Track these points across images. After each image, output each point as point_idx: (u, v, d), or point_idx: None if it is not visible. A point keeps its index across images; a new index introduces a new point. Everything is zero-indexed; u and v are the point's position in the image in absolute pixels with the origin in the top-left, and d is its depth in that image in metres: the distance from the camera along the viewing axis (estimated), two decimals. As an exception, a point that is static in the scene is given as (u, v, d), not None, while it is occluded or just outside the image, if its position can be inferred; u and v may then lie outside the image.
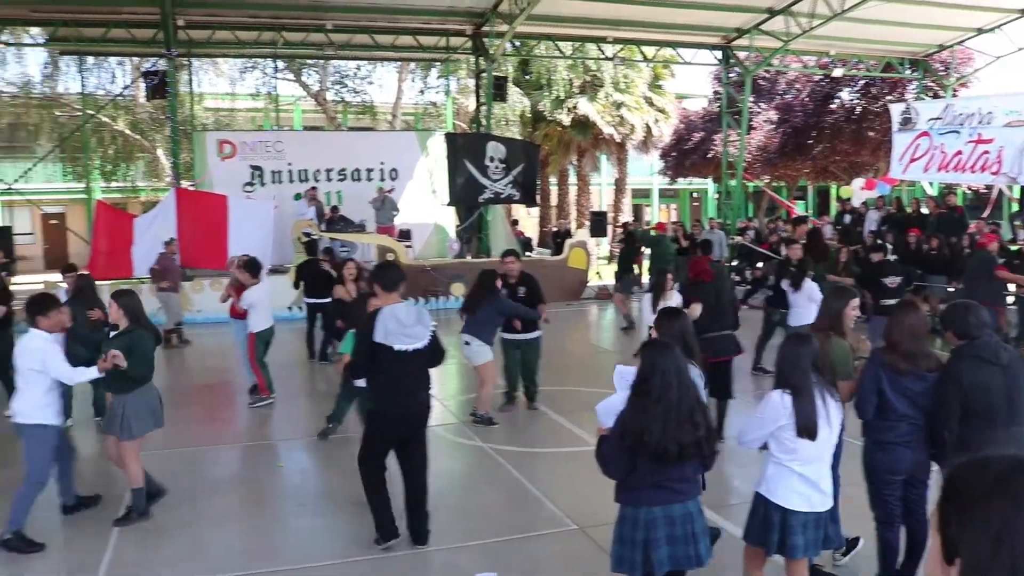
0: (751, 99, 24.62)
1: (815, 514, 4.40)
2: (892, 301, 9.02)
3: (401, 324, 5.75)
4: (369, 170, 21.17)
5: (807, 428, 4.26)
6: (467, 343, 8.94)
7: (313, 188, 19.41)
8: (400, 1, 19.35)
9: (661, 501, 4.11)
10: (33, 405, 6.11)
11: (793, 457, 4.33)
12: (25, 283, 18.94)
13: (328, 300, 11.80)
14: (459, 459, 8.20)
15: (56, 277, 18.56)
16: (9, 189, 22.70)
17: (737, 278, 19.87)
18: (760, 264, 19.74)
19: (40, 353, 6.08)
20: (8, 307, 9.83)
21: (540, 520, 6.48)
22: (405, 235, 19.50)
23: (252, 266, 10.19)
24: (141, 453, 6.62)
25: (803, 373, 4.35)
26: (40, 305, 6.22)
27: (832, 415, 4.38)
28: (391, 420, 5.93)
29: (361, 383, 6.75)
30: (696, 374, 4.67)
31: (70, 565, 6.00)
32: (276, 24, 20.12)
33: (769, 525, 4.42)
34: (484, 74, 21.47)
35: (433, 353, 5.95)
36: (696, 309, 7.72)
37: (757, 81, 26.83)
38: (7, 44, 21.18)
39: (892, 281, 10.76)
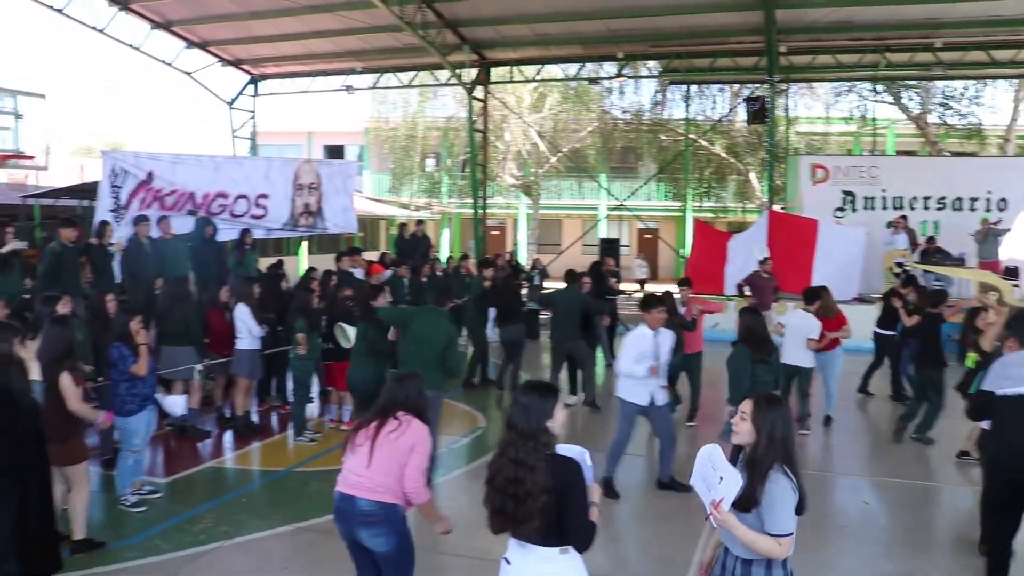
0: None
1: None
2: None
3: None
4: (973, 199, 19.49)
5: None
6: None
7: (903, 217, 18.49)
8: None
9: None
10: (622, 383, 7.79)
11: None
12: (623, 291, 20.95)
13: (891, 333, 11.93)
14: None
15: (652, 287, 20.33)
16: (620, 206, 25.48)
17: None
18: None
19: (628, 343, 7.63)
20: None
21: None
22: (1012, 272, 17.54)
23: (809, 295, 10.12)
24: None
25: None
26: (644, 303, 7.80)
27: None
28: (1003, 467, 5.49)
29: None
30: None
31: (660, 556, 6.56)
32: (879, 46, 19.61)
33: None
34: None
35: None
36: None
37: None
38: (627, 77, 23.67)
39: None
